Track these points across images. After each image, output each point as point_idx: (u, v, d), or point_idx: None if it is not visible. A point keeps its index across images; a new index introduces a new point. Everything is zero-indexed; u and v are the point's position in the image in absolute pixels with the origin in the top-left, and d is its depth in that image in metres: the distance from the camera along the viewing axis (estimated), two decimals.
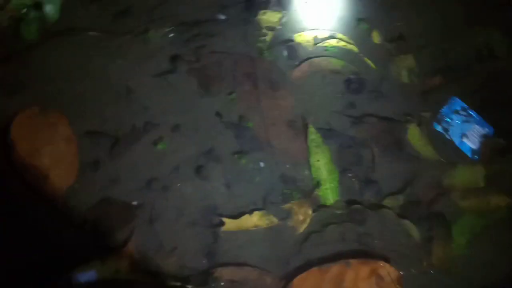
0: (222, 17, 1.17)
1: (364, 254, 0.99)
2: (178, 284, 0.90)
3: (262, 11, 1.20)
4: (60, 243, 0.88)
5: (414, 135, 1.19)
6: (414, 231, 1.04)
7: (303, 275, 0.95)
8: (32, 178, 0.91)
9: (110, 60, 1.05)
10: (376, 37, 1.29)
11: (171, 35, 1.11)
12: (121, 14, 1.10)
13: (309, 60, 1.20)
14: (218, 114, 1.07)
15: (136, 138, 1.00)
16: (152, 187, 0.97)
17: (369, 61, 1.24)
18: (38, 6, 0.97)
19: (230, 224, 0.97)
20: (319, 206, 1.04)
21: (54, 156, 0.93)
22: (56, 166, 0.93)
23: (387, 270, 0.96)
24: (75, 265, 0.84)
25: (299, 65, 1.18)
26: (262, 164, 1.03)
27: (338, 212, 1.04)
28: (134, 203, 0.95)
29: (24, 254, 0.86)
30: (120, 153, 0.98)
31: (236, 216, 0.99)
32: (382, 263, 0.97)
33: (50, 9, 0.96)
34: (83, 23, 1.07)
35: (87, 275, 0.84)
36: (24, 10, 0.96)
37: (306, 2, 1.25)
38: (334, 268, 0.96)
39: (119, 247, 0.89)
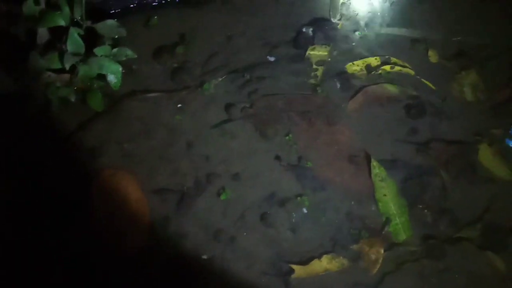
0: (272, 58, 1.18)
1: None
2: None
3: (311, 47, 1.20)
4: None
5: (486, 155, 1.12)
6: (498, 262, 0.97)
7: None
8: (108, 240, 0.96)
9: (170, 118, 1.10)
10: (433, 57, 1.24)
11: (224, 84, 1.14)
12: (178, 71, 1.15)
13: (364, 89, 1.18)
14: (277, 157, 1.07)
15: (200, 191, 1.02)
16: (219, 239, 0.98)
17: (428, 83, 1.19)
18: (101, 77, 1.04)
19: (300, 271, 0.96)
20: (391, 244, 1.00)
21: (128, 217, 0.98)
22: (130, 227, 0.97)
23: None
24: None
25: (354, 96, 1.16)
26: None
27: (413, 248, 1.00)
28: (204, 256, 0.97)
29: None
30: (186, 207, 1.01)
31: (305, 261, 0.97)
32: None
33: (112, 78, 1.03)
34: (143, 85, 1.13)
35: None
36: (89, 82, 1.03)
37: (358, 34, 1.22)
38: None
39: None
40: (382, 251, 0.99)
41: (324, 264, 0.97)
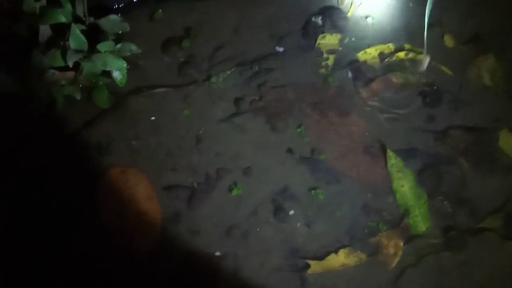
0: (280, 49, 1.15)
1: None
2: None
3: (321, 36, 1.16)
4: None
5: (506, 142, 1.08)
6: None
7: None
8: (118, 240, 0.95)
9: (178, 113, 1.07)
10: (449, 41, 1.19)
11: (232, 77, 1.11)
12: (185, 65, 1.12)
13: (378, 78, 1.14)
14: (289, 150, 1.04)
15: (211, 187, 1.00)
16: (232, 235, 0.96)
17: (444, 68, 1.15)
18: (106, 74, 1.03)
19: (316, 266, 0.93)
20: (410, 237, 0.97)
21: (138, 215, 0.97)
22: (141, 225, 0.96)
23: None
24: None
25: (367, 85, 1.12)
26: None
27: (433, 241, 0.97)
28: (217, 253, 0.95)
29: None
30: (197, 203, 0.99)
31: (321, 256, 0.95)
32: None
33: (117, 75, 1.02)
34: (150, 81, 1.10)
35: None
36: (94, 79, 1.01)
37: (369, 20, 1.18)
38: None
39: None
40: (401, 244, 0.96)
41: (341, 258, 0.95)
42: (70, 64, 0.96)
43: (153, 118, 1.05)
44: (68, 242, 0.95)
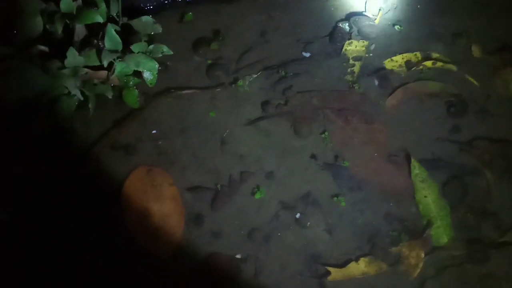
0: (307, 54, 1.15)
1: None
2: None
3: (348, 42, 1.16)
4: None
5: None
6: None
7: None
8: (142, 239, 0.96)
9: (204, 115, 1.09)
10: (476, 51, 1.18)
11: (259, 80, 1.12)
12: (212, 67, 1.13)
13: (403, 86, 1.13)
14: (312, 156, 1.05)
15: (234, 189, 1.01)
16: (253, 238, 0.97)
17: (471, 79, 1.14)
18: (137, 74, 1.05)
19: (336, 273, 0.93)
20: (432, 248, 0.97)
21: (162, 215, 0.98)
22: (164, 225, 0.97)
23: None
24: None
25: (392, 93, 1.12)
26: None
27: (455, 253, 0.96)
28: (238, 256, 0.95)
29: None
30: (220, 205, 1.00)
31: (342, 264, 0.95)
32: None
33: (148, 75, 1.04)
34: (178, 82, 1.12)
35: None
36: (125, 79, 1.03)
37: (396, 28, 1.17)
38: None
39: None
40: (422, 255, 0.95)
41: (361, 267, 0.95)
42: (105, 64, 0.98)
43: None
44: (92, 240, 0.96)
